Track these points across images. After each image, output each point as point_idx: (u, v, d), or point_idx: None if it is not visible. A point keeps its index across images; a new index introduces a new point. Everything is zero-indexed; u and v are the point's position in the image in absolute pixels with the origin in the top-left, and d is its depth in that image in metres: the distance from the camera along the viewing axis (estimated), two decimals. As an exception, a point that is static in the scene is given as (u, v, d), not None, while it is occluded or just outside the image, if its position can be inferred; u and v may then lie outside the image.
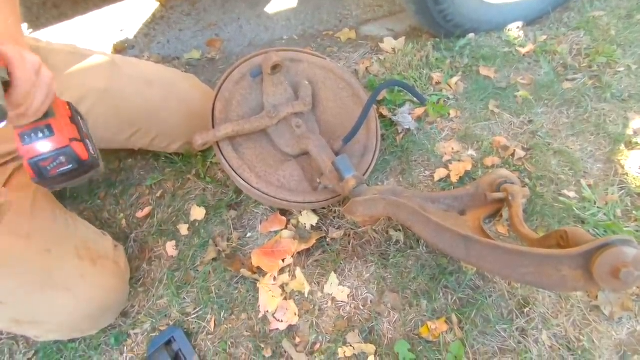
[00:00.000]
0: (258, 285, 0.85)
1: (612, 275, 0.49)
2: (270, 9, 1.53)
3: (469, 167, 0.98)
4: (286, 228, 0.92)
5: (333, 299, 0.84)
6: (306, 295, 0.84)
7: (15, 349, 0.84)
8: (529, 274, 0.57)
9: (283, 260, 0.87)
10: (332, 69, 1.00)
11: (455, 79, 1.16)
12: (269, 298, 0.84)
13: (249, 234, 0.94)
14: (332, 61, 1.03)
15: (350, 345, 0.78)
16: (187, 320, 0.84)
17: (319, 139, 0.87)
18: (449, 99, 1.13)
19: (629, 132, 1.04)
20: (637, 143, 1.01)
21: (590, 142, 1.03)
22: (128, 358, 0.81)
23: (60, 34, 1.47)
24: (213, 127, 0.85)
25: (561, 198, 0.93)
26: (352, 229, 0.92)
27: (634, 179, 0.96)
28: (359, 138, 0.93)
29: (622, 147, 1.01)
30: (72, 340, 0.83)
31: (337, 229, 0.92)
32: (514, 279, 0.79)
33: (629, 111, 1.08)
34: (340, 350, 0.77)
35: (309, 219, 0.92)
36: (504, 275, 0.76)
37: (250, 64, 0.92)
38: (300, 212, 0.94)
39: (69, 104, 0.60)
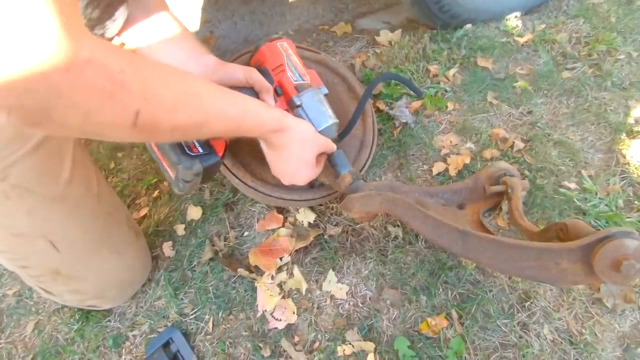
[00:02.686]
0: (256, 284, 0.85)
1: (612, 268, 0.48)
2: (264, 4, 1.51)
3: (467, 160, 0.97)
4: (283, 226, 0.91)
5: (332, 297, 0.83)
6: (304, 294, 0.84)
7: (14, 353, 0.84)
8: (527, 268, 0.56)
9: (281, 259, 0.86)
10: (327, 63, 0.98)
11: (452, 71, 1.14)
12: (267, 297, 0.83)
13: (246, 233, 0.93)
14: (326, 55, 1.01)
15: (350, 343, 0.77)
16: (185, 321, 0.83)
17: (314, 135, 0.86)
18: (446, 91, 1.11)
19: (630, 120, 1.02)
20: (638, 132, 0.99)
21: (591, 131, 1.02)
22: (127, 360, 0.81)
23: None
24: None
25: (562, 189, 0.91)
26: (350, 225, 0.91)
27: (636, 168, 0.94)
28: (355, 133, 0.92)
29: (624, 136, 1.00)
30: (71, 343, 0.83)
31: (334, 225, 0.91)
32: (513, 274, 0.78)
33: (629, 99, 1.06)
34: (339, 349, 0.77)
35: (306, 217, 0.91)
36: (503, 270, 0.75)
37: (244, 60, 0.91)
38: (297, 210, 0.93)
39: None
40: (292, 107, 0.76)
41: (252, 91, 0.72)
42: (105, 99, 0.35)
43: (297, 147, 0.66)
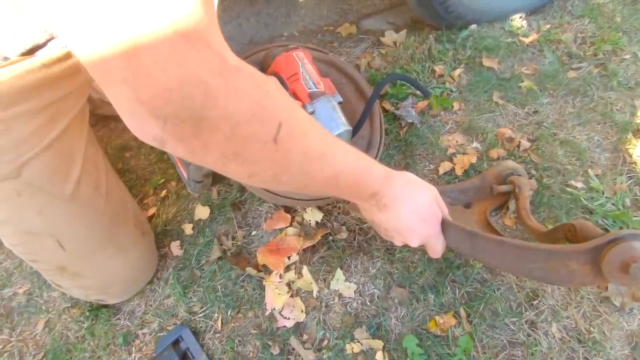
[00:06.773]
0: (264, 283, 0.85)
1: (621, 271, 0.48)
2: (269, 5, 1.52)
3: (473, 160, 0.97)
4: (291, 225, 0.92)
5: (340, 295, 0.84)
6: (313, 292, 0.84)
7: (25, 351, 0.85)
8: (536, 269, 0.56)
9: (289, 258, 0.87)
10: (335, 63, 0.99)
11: (458, 71, 1.15)
12: (275, 296, 0.83)
13: (253, 232, 0.93)
14: (334, 55, 1.02)
15: (358, 341, 0.78)
16: (194, 319, 0.84)
17: (321, 135, 0.87)
18: (452, 91, 1.12)
19: (637, 120, 1.02)
20: (645, 131, 0.99)
21: (597, 131, 1.02)
22: (136, 358, 0.82)
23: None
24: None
25: (568, 189, 0.92)
26: (357, 224, 0.91)
27: (643, 167, 0.94)
28: (362, 133, 0.92)
29: (630, 135, 1.00)
30: (82, 341, 0.84)
31: (342, 224, 0.92)
32: (521, 275, 0.78)
33: (636, 99, 1.06)
34: (348, 347, 0.77)
35: (313, 216, 0.92)
36: (511, 271, 0.75)
37: (251, 61, 0.92)
38: (305, 209, 0.93)
39: None
40: None
41: None
42: (255, 106, 0.35)
43: (410, 191, 0.59)
